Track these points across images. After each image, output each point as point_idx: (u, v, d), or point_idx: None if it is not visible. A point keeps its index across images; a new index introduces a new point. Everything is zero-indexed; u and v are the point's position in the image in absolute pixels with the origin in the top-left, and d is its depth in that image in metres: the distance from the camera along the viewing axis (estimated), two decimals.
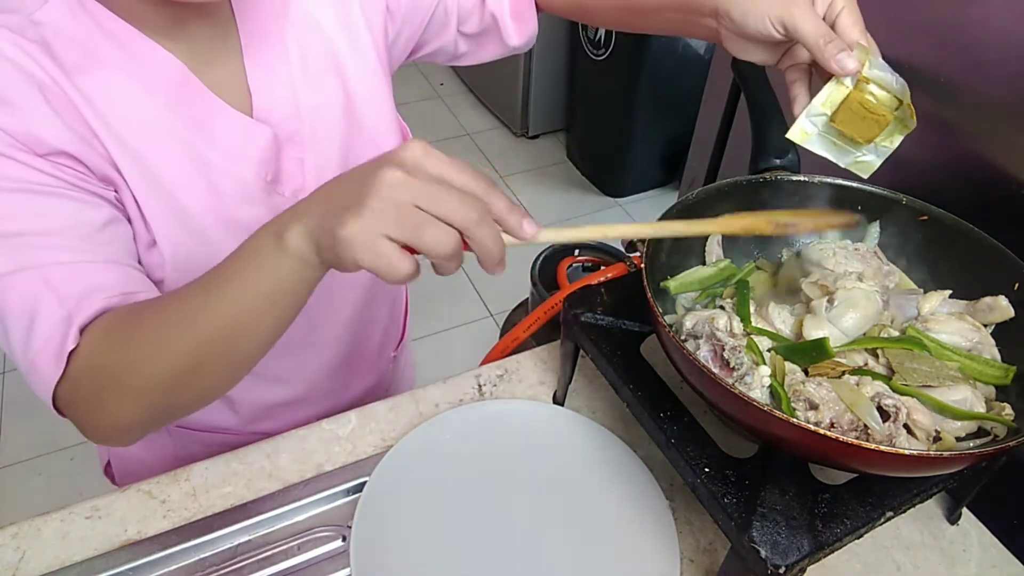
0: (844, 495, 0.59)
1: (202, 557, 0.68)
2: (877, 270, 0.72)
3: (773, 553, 0.54)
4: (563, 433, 0.77)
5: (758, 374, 0.61)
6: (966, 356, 0.64)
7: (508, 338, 0.96)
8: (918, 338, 0.65)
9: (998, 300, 0.67)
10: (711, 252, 0.76)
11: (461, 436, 0.76)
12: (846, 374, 0.62)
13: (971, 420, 0.60)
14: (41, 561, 0.67)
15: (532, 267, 1.26)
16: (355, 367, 0.92)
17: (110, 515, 0.70)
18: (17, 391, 2.10)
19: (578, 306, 0.73)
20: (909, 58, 0.96)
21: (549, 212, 2.82)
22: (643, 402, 0.65)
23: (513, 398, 0.83)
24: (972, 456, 0.53)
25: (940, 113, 0.93)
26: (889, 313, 0.70)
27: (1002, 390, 0.64)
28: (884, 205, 0.75)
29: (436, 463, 0.73)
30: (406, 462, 0.72)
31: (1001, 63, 0.85)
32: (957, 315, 0.68)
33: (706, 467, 0.60)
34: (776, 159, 0.78)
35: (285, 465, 0.75)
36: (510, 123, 3.26)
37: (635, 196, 2.91)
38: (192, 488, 0.73)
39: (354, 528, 0.66)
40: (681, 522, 0.72)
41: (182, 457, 0.85)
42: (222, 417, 0.86)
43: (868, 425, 0.57)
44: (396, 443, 0.74)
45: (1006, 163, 0.86)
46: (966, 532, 0.73)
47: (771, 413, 0.52)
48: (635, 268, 0.93)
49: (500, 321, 2.32)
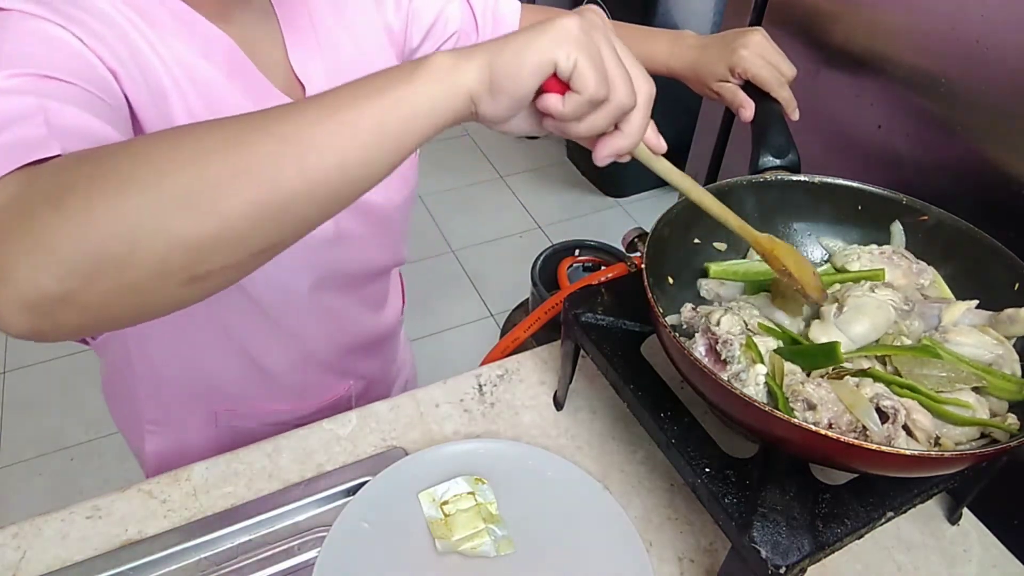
0: (845, 495, 0.59)
1: (202, 557, 0.68)
2: (908, 270, 0.72)
3: (774, 553, 0.53)
4: (532, 473, 0.72)
5: (753, 371, 0.61)
6: (983, 369, 0.62)
7: (508, 338, 0.96)
8: (931, 347, 0.63)
9: (1020, 312, 0.65)
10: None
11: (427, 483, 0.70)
12: (847, 376, 0.62)
13: (972, 426, 0.60)
14: (42, 561, 0.67)
15: (532, 267, 1.26)
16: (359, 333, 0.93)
17: (110, 515, 0.70)
18: (17, 391, 2.10)
19: (579, 306, 0.73)
20: (910, 58, 0.96)
21: (549, 212, 2.83)
22: (644, 402, 0.65)
23: (496, 420, 0.82)
24: (972, 456, 0.53)
25: (940, 113, 0.93)
26: (912, 321, 0.68)
27: (1018, 405, 0.62)
28: (884, 205, 0.75)
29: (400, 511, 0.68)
30: (366, 509, 0.67)
31: (1001, 63, 0.85)
32: (980, 327, 0.66)
33: (707, 467, 0.60)
34: (776, 159, 0.78)
35: (285, 465, 0.75)
36: None
37: (635, 196, 2.91)
38: (192, 488, 0.73)
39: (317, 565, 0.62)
40: (682, 522, 0.72)
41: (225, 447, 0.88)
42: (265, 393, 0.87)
43: (866, 426, 0.57)
44: (361, 489, 0.69)
45: (1006, 163, 0.86)
46: (967, 532, 0.73)
47: (771, 413, 0.52)
48: (635, 268, 0.93)
49: (500, 321, 2.32)
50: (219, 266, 0.41)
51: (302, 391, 0.90)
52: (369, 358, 0.97)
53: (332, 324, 0.86)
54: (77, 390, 2.10)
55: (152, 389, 0.85)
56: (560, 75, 0.44)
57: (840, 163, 1.11)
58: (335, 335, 0.88)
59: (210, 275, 0.41)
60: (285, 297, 0.78)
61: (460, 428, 0.80)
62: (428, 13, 0.81)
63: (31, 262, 0.38)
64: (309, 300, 0.80)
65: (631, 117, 0.48)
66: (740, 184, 0.75)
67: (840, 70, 1.07)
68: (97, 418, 2.02)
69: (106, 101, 0.54)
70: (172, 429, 0.88)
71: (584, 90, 0.45)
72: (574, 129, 0.48)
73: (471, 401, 0.83)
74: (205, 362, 0.82)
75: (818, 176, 0.76)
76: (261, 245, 0.42)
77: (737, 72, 0.80)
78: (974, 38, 0.87)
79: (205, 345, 0.80)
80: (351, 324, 0.90)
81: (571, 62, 0.44)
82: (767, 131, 0.79)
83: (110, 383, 0.93)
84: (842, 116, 1.08)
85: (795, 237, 0.80)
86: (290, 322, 0.81)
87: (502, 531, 0.67)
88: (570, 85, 0.45)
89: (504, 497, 0.70)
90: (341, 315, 0.87)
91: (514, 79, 0.44)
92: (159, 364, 0.82)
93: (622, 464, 0.77)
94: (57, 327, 0.40)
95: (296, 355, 0.85)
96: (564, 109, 0.46)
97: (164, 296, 0.41)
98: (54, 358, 2.19)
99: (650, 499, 0.74)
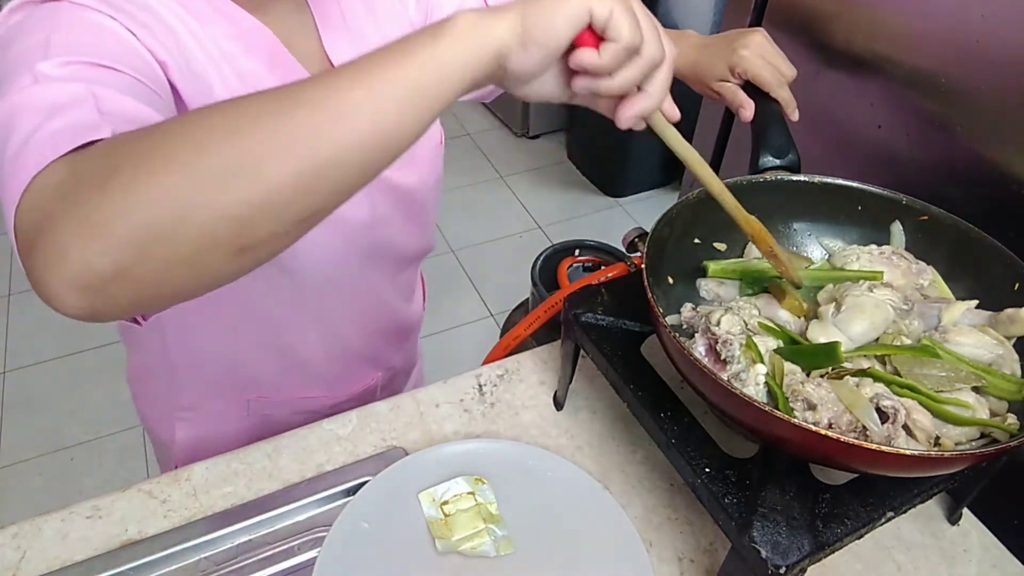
0: (845, 495, 0.59)
1: (202, 557, 0.68)
2: (907, 270, 0.72)
3: (774, 553, 0.53)
4: (535, 472, 0.72)
5: (753, 371, 0.61)
6: (983, 369, 0.62)
7: (508, 338, 0.96)
8: (931, 347, 0.63)
9: (1019, 312, 0.65)
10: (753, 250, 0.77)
11: (430, 480, 0.70)
12: (847, 376, 0.62)
13: (972, 426, 0.60)
14: (42, 561, 0.67)
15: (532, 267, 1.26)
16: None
17: (110, 515, 0.70)
18: (17, 391, 2.10)
19: (578, 306, 0.73)
20: (910, 58, 0.96)
21: (549, 212, 2.83)
22: (644, 402, 0.65)
23: (496, 420, 0.83)
24: (972, 456, 0.53)
25: (940, 113, 0.93)
26: (911, 321, 0.68)
27: (1018, 405, 0.62)
28: (884, 205, 0.75)
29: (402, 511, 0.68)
30: (366, 509, 0.67)
31: (1001, 63, 0.85)
32: (980, 327, 0.66)
33: (707, 467, 0.60)
34: (776, 159, 0.78)
35: (286, 465, 0.75)
36: (510, 123, 3.26)
37: (635, 196, 2.91)
38: (192, 488, 0.73)
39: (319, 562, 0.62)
40: (681, 522, 0.72)
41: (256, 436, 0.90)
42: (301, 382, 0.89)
43: (866, 426, 0.57)
44: (364, 487, 0.69)
45: (1006, 163, 0.86)
46: (966, 532, 0.73)
47: (771, 413, 0.52)
48: (635, 268, 0.93)
49: (500, 321, 2.32)
50: (266, 235, 0.42)
51: (334, 380, 0.92)
52: (397, 349, 1.00)
53: (368, 312, 0.89)
54: (77, 390, 2.10)
55: (187, 378, 0.87)
56: (596, 22, 0.46)
57: (840, 163, 1.11)
58: (370, 323, 0.90)
59: (257, 245, 0.42)
60: (324, 283, 0.80)
61: (460, 428, 0.80)
62: (447, 9, 0.83)
63: (83, 243, 0.39)
64: (347, 286, 0.82)
65: (656, 76, 0.50)
66: (740, 184, 0.75)
67: (840, 70, 1.07)
68: (97, 418, 2.02)
69: (154, 90, 0.55)
70: (204, 417, 0.90)
71: (620, 38, 0.46)
72: (606, 84, 0.49)
73: (471, 401, 0.83)
74: (241, 351, 0.84)
75: (818, 176, 0.76)
76: (304, 212, 0.43)
77: (737, 72, 0.80)
78: (974, 38, 0.87)
79: (242, 334, 0.82)
80: (385, 312, 0.92)
81: (607, 9, 0.45)
82: (767, 131, 0.79)
83: (139, 374, 0.94)
84: (842, 116, 1.08)
85: (795, 237, 0.80)
86: (328, 309, 0.83)
87: (502, 531, 0.67)
88: (606, 34, 0.46)
89: (504, 497, 0.70)
90: (376, 303, 0.89)
91: (548, 29, 0.45)
92: (196, 353, 0.84)
93: (622, 464, 0.77)
94: (113, 305, 0.41)
95: (331, 344, 0.88)
96: (601, 60, 0.47)
97: (215, 268, 0.42)
98: (54, 358, 2.19)
99: (650, 499, 0.74)
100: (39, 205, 0.41)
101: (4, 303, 2.39)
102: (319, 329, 0.85)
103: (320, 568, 0.61)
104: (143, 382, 0.94)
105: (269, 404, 0.90)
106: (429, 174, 0.84)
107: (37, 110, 0.46)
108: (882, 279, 0.71)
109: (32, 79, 0.48)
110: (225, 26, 0.64)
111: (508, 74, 0.47)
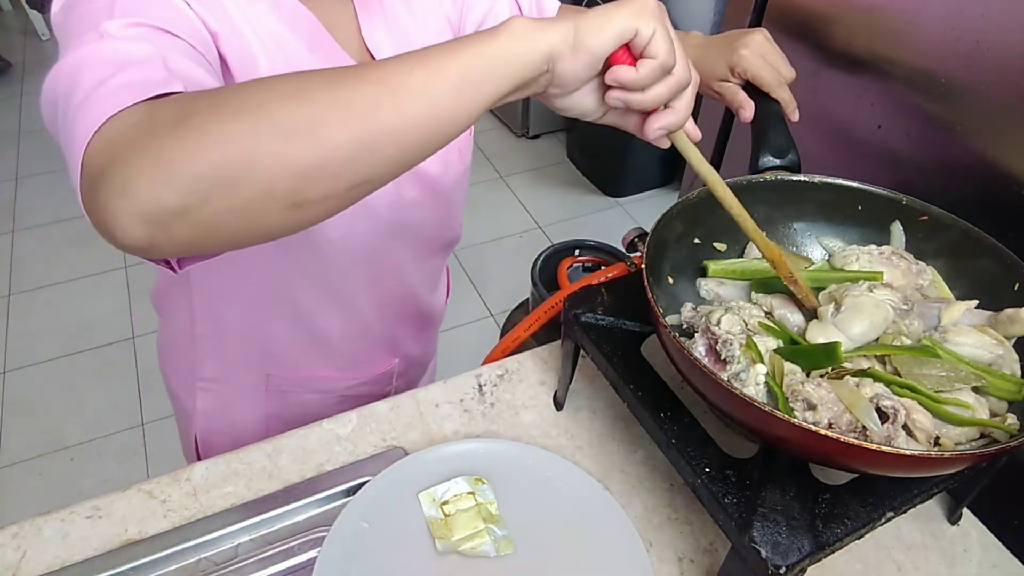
0: (845, 495, 0.59)
1: (202, 557, 0.68)
2: (907, 271, 0.72)
3: (774, 553, 0.54)
4: (535, 473, 0.72)
5: (753, 371, 0.61)
6: (982, 369, 0.62)
7: (508, 338, 0.96)
8: (931, 347, 0.63)
9: (1020, 312, 0.65)
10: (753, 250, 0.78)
11: (433, 479, 0.70)
12: (847, 376, 0.62)
13: (971, 426, 0.60)
14: (42, 561, 0.67)
15: (532, 267, 1.26)
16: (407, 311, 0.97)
17: (110, 515, 0.70)
18: (17, 391, 2.10)
19: (579, 306, 0.73)
20: (910, 58, 0.96)
21: (549, 212, 2.83)
22: (644, 402, 0.65)
23: (496, 420, 0.83)
24: (972, 457, 0.53)
25: (941, 113, 0.93)
26: (911, 321, 0.68)
27: (1018, 405, 0.62)
28: (884, 205, 0.75)
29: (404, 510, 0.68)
30: (366, 509, 0.67)
31: (1001, 63, 0.85)
32: (979, 327, 0.66)
33: (707, 467, 0.60)
34: (776, 159, 0.78)
35: (285, 465, 0.75)
36: (511, 123, 3.26)
37: (635, 196, 2.91)
38: (192, 488, 0.73)
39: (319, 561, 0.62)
40: (681, 522, 0.72)
41: (272, 426, 0.92)
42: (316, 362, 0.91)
43: (866, 426, 0.57)
44: (366, 485, 0.69)
45: (1006, 163, 0.86)
46: (967, 532, 0.73)
47: (771, 413, 0.52)
48: (635, 268, 0.93)
49: (500, 321, 2.32)
50: (319, 195, 0.45)
51: (352, 361, 0.95)
52: (416, 338, 1.02)
53: (391, 295, 0.91)
54: (77, 390, 2.10)
55: (210, 349, 0.89)
56: (639, 40, 0.50)
57: (840, 163, 1.11)
58: (392, 307, 0.92)
59: (309, 203, 0.45)
60: (348, 263, 0.82)
61: (460, 428, 0.80)
62: (480, 7, 0.84)
63: (153, 178, 0.42)
64: (371, 268, 0.84)
65: (684, 95, 0.55)
66: (740, 184, 0.75)
67: (840, 70, 1.07)
68: (97, 418, 2.02)
69: (207, 59, 0.58)
70: (224, 388, 0.93)
71: (658, 55, 0.50)
72: (638, 98, 0.53)
73: (471, 401, 0.83)
74: (265, 324, 0.86)
75: (818, 176, 0.76)
76: (356, 179, 0.46)
77: (737, 72, 0.80)
78: (974, 38, 0.87)
79: (268, 308, 0.84)
80: (408, 298, 0.94)
81: (651, 29, 0.50)
82: (767, 131, 0.79)
83: (168, 342, 0.97)
84: (842, 116, 1.08)
85: (795, 237, 0.80)
86: (351, 290, 0.86)
87: (502, 531, 0.67)
88: (646, 51, 0.51)
89: (504, 497, 0.70)
90: (400, 287, 0.91)
91: (598, 36, 0.49)
92: (220, 323, 0.86)
93: (622, 464, 0.77)
94: (170, 240, 0.44)
95: (353, 324, 0.90)
96: (639, 75, 0.51)
97: (267, 220, 0.45)
98: (54, 358, 2.19)
99: (650, 499, 0.74)
100: (113, 142, 0.44)
101: (4, 303, 2.39)
102: (341, 308, 0.87)
103: (320, 568, 0.61)
104: (170, 351, 0.97)
105: (287, 381, 0.92)
106: (454, 165, 0.85)
107: (107, 63, 0.49)
108: (882, 279, 0.71)
109: (98, 35, 0.51)
110: (271, 6, 0.67)
111: (555, 78, 0.51)
